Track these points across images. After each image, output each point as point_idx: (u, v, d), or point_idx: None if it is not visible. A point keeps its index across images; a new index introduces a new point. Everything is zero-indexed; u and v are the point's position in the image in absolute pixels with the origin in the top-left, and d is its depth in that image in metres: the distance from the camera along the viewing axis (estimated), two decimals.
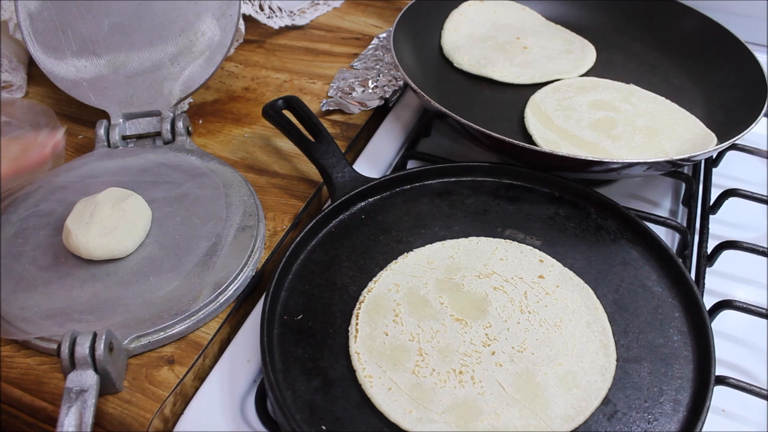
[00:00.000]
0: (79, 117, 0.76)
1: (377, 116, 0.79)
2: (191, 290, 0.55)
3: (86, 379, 0.47)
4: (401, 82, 0.81)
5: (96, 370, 0.47)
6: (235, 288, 0.56)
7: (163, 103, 0.71)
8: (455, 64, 0.80)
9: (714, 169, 0.72)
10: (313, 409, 0.47)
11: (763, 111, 0.66)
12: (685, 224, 0.64)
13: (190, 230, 0.60)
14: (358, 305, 0.53)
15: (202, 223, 0.60)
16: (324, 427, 0.46)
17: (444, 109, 0.64)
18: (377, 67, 0.84)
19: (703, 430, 0.46)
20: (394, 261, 0.57)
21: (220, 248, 0.58)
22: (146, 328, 0.52)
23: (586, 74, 0.78)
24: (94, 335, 0.47)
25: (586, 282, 0.56)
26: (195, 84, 0.71)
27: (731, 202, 0.67)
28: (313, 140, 0.66)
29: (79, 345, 0.47)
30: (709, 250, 0.62)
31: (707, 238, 0.63)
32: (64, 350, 0.47)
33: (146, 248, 0.58)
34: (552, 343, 0.51)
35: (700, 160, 0.72)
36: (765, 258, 0.60)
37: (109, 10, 0.72)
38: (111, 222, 0.57)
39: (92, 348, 0.47)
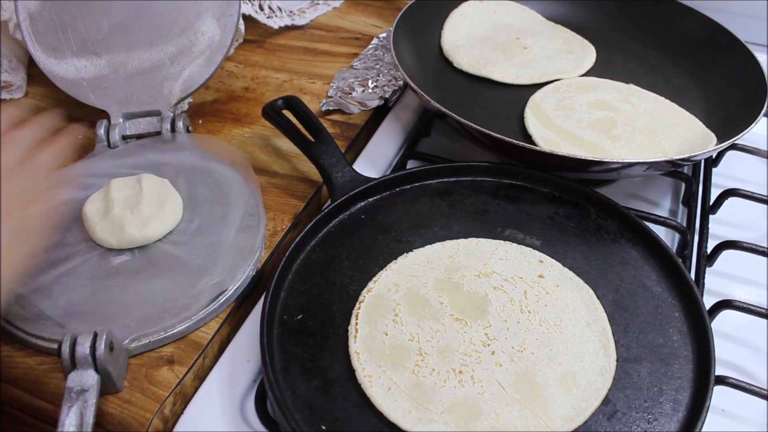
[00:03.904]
0: (79, 117, 0.76)
1: (377, 116, 0.79)
2: (192, 290, 0.55)
3: (87, 378, 0.47)
4: (401, 82, 0.81)
5: (97, 369, 0.47)
6: (235, 288, 0.56)
7: (163, 103, 0.71)
8: (455, 64, 0.80)
9: (714, 169, 0.72)
10: (312, 408, 0.47)
11: (763, 111, 0.66)
12: (684, 224, 0.64)
13: None
14: (357, 305, 0.53)
15: (204, 223, 0.61)
16: (324, 427, 0.46)
17: (444, 109, 0.64)
18: (377, 67, 0.84)
19: (703, 430, 0.46)
20: (393, 261, 0.57)
21: (221, 248, 0.58)
22: (147, 328, 0.52)
23: (586, 74, 0.78)
24: (95, 335, 0.47)
25: (585, 282, 0.56)
26: (195, 84, 0.71)
27: (731, 202, 0.67)
28: (313, 140, 0.66)
29: (79, 345, 0.47)
30: (709, 250, 0.62)
31: (707, 238, 0.63)
32: (65, 350, 0.47)
33: (148, 249, 0.58)
34: (552, 342, 0.51)
35: (700, 160, 0.72)
36: (765, 258, 0.60)
37: (109, 10, 0.72)
38: (149, 210, 0.59)
39: (93, 348, 0.47)
